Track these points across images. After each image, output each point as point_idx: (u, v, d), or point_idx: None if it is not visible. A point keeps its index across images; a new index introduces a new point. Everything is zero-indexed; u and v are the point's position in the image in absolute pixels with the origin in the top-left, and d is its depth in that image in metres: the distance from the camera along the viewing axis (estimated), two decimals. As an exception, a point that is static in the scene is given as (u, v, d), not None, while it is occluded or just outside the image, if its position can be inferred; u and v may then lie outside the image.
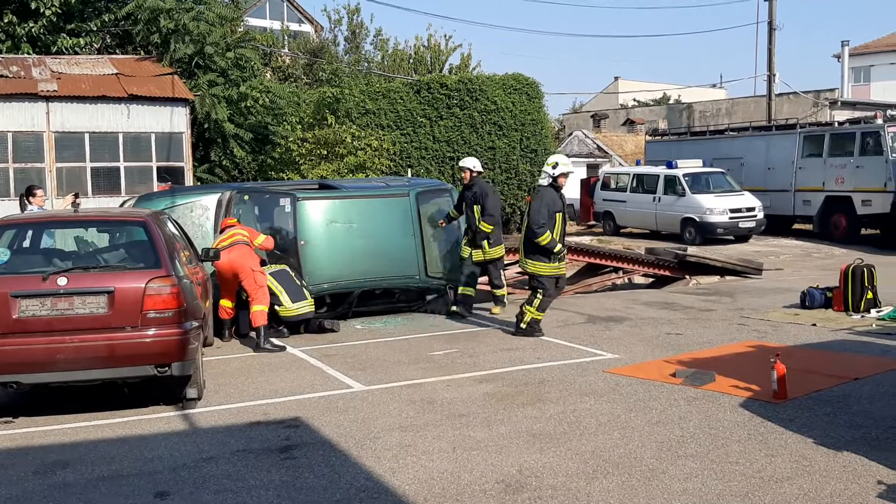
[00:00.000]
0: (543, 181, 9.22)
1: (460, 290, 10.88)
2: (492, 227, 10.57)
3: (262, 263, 9.57)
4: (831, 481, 4.69)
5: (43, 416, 6.46)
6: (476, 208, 10.59)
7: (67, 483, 5.04)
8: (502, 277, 11.41)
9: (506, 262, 16.58)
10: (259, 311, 9.01)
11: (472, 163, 11.02)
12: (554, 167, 9.12)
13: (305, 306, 9.66)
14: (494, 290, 11.19)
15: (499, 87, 23.35)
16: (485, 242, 10.59)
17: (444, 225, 10.93)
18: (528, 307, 9.21)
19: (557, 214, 9.04)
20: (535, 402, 6.50)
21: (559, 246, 9.02)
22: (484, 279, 11.44)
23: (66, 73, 18.64)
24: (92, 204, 16.83)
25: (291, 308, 9.55)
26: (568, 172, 9.22)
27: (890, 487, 4.54)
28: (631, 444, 5.43)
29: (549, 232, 8.90)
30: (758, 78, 32.29)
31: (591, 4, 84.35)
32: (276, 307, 9.43)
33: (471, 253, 10.73)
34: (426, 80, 23.94)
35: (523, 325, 9.23)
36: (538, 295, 9.15)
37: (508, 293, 16.00)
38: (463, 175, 10.94)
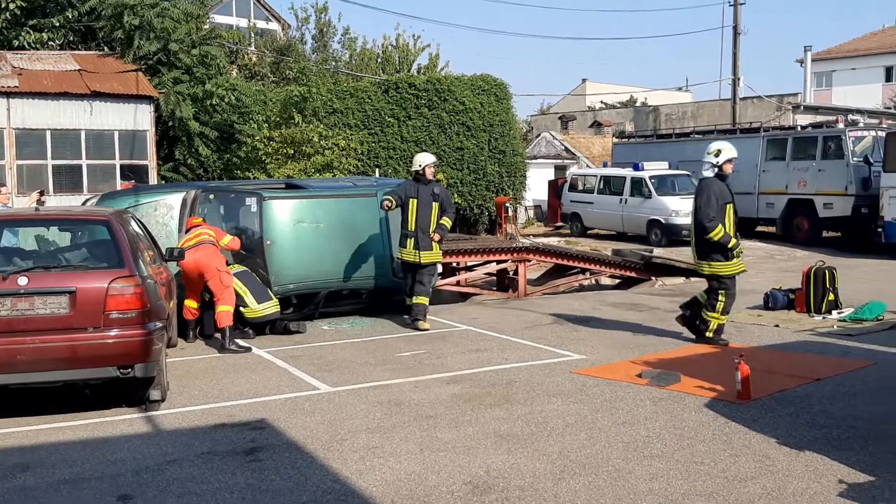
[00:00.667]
0: (707, 172, 8.67)
1: (417, 300, 10.03)
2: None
3: (227, 264, 9.47)
4: (794, 480, 4.75)
5: (2, 418, 6.31)
6: (435, 206, 9.96)
7: (27, 487, 4.93)
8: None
9: (473, 264, 16.63)
10: (224, 311, 8.91)
11: (434, 159, 10.51)
12: (717, 154, 8.60)
13: (271, 307, 9.58)
14: (416, 298, 10.09)
15: (467, 87, 23.38)
16: (436, 244, 10.03)
17: (388, 208, 10.03)
18: (710, 313, 8.52)
19: (728, 206, 8.53)
20: (502, 404, 6.51)
21: (734, 240, 8.43)
22: (452, 280, 11.41)
23: (27, 68, 18.32)
24: (53, 202, 16.55)
25: (257, 309, 9.46)
26: (733, 158, 8.67)
27: (850, 486, 4.62)
28: (598, 444, 5.46)
29: (720, 226, 8.31)
30: (723, 82, 32.74)
31: (560, 7, 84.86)
32: (242, 308, 9.34)
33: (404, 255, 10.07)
34: (394, 79, 23.89)
35: (710, 334, 8.54)
36: (720, 297, 8.47)
37: (475, 293, 16.06)
38: (427, 171, 10.08)
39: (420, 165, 10.05)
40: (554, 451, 5.35)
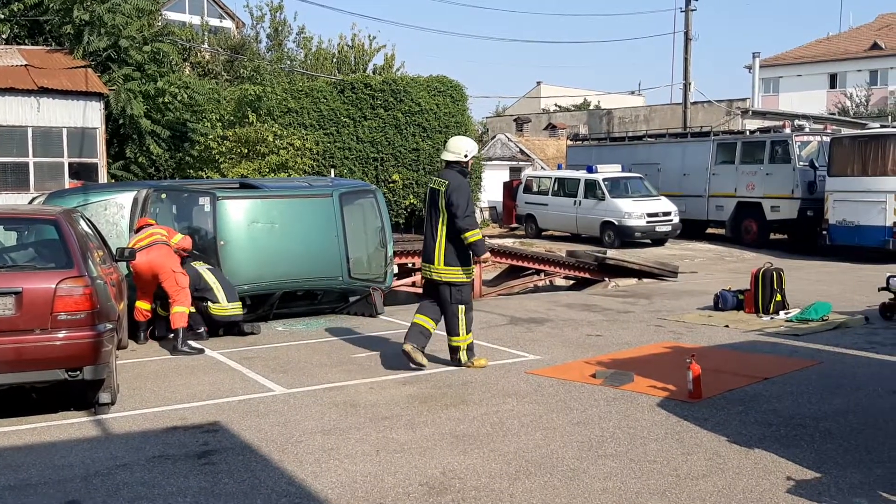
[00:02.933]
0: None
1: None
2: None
3: (183, 262, 9.31)
4: (744, 478, 4.85)
5: (-57, 423, 6.12)
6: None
7: (-31, 494, 4.79)
8: None
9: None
10: (180, 312, 8.78)
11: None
12: (466, 155, 7.78)
13: (237, 308, 9.46)
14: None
15: (423, 88, 23.39)
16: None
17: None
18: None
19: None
20: (458, 404, 6.52)
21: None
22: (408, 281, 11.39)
23: (-30, 63, 17.80)
24: (-2, 201, 16.12)
25: (226, 307, 9.33)
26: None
27: (798, 483, 4.73)
28: (552, 444, 5.50)
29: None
30: (674, 86, 33.29)
31: (515, 10, 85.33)
32: (211, 303, 9.19)
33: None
34: (350, 79, 23.79)
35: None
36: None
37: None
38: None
39: (466, 155, 7.77)
40: (510, 451, 5.38)
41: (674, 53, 30.35)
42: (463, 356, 7.72)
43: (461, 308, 7.62)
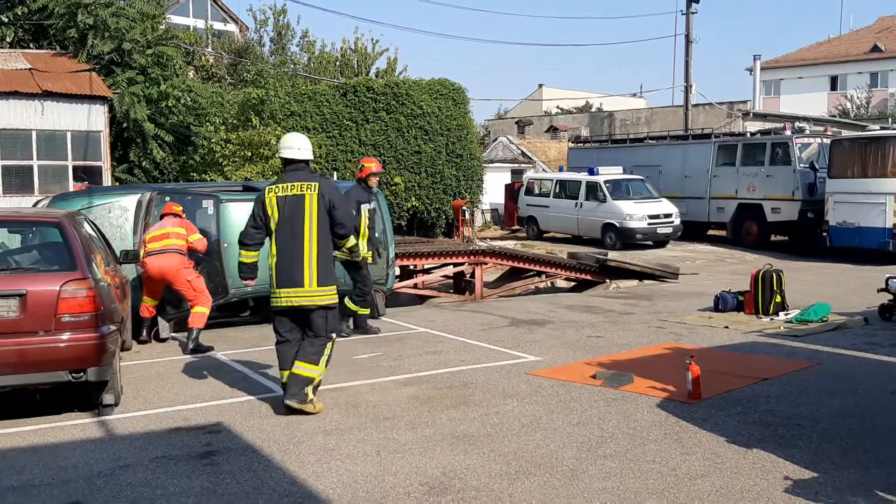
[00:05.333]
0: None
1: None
2: None
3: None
4: (742, 478, 4.88)
5: (-52, 424, 6.18)
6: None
7: (-25, 494, 4.84)
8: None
9: (430, 266, 16.68)
10: (200, 313, 8.95)
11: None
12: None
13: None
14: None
15: (425, 91, 23.43)
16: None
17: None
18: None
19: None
20: (459, 405, 6.56)
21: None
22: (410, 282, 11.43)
23: (-26, 66, 17.89)
24: (3, 203, 16.19)
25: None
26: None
27: (795, 483, 4.76)
28: (552, 444, 5.54)
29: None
30: (676, 88, 33.33)
31: (517, 13, 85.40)
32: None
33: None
34: (353, 83, 23.84)
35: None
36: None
37: (433, 296, 16.12)
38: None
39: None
40: (509, 451, 5.42)
41: (675, 56, 30.41)
42: (309, 392, 6.26)
43: (334, 337, 6.46)
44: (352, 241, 6.78)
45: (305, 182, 6.37)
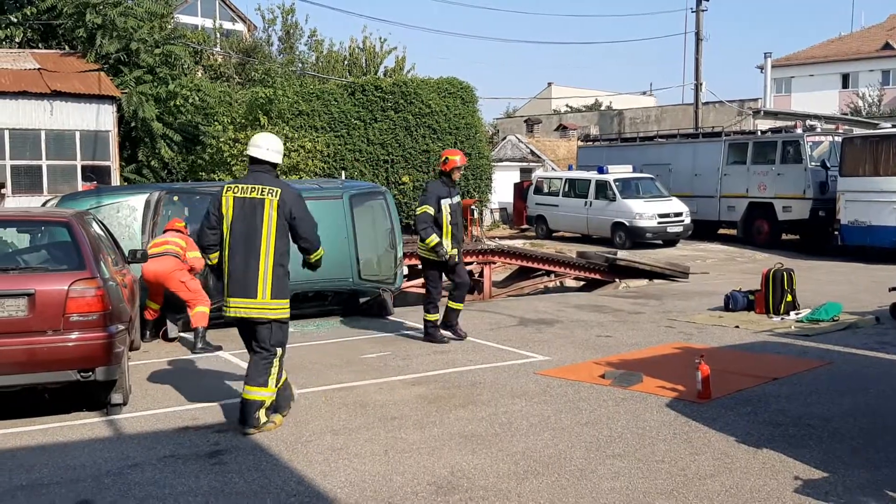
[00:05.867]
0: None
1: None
2: None
3: None
4: (751, 477, 4.85)
5: (-43, 423, 6.20)
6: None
7: (-17, 493, 4.85)
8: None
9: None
10: (200, 312, 8.96)
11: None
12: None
13: None
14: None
15: (433, 90, 23.41)
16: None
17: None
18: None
19: None
20: (467, 405, 6.54)
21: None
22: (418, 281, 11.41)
23: (-16, 67, 17.97)
24: (13, 203, 16.26)
25: None
26: None
27: (806, 483, 4.73)
28: (561, 444, 5.52)
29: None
30: (686, 87, 33.20)
31: (526, 11, 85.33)
32: None
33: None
34: (361, 82, 23.84)
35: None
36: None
37: (442, 296, 16.09)
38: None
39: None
40: (518, 451, 5.40)
41: (685, 54, 30.29)
42: (261, 415, 5.89)
43: (279, 351, 6.03)
44: (319, 254, 6.27)
45: (267, 186, 5.93)
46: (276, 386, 6.01)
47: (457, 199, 9.11)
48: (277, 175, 6.16)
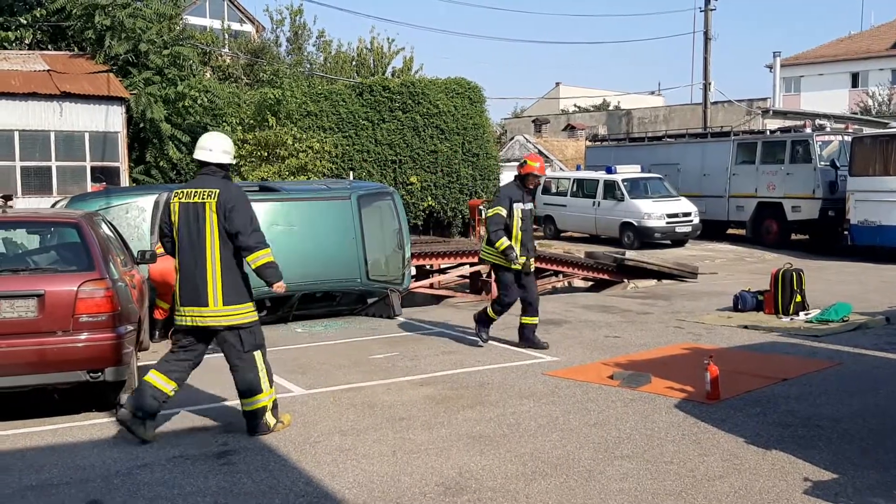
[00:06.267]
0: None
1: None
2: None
3: None
4: (761, 479, 4.83)
5: (-32, 423, 6.23)
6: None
7: (-6, 493, 4.88)
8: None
9: (446, 266, 16.67)
10: None
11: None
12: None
13: None
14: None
15: (441, 90, 23.43)
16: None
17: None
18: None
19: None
20: (475, 405, 6.54)
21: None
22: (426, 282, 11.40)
23: (-6, 68, 18.06)
24: (22, 204, 16.32)
25: None
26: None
27: (815, 484, 4.71)
28: (569, 445, 5.51)
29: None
30: (694, 86, 33.11)
31: (533, 10, 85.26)
32: None
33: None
34: (369, 82, 23.88)
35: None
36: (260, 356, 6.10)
37: (449, 296, 16.11)
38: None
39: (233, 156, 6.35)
40: (526, 452, 5.39)
41: (693, 53, 30.34)
42: (269, 419, 5.87)
43: (258, 354, 5.86)
44: (263, 257, 5.78)
45: (208, 189, 5.71)
46: (270, 386, 5.88)
47: (529, 205, 8.68)
48: (227, 176, 5.94)
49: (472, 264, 16.44)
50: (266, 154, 19.33)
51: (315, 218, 10.63)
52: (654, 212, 20.12)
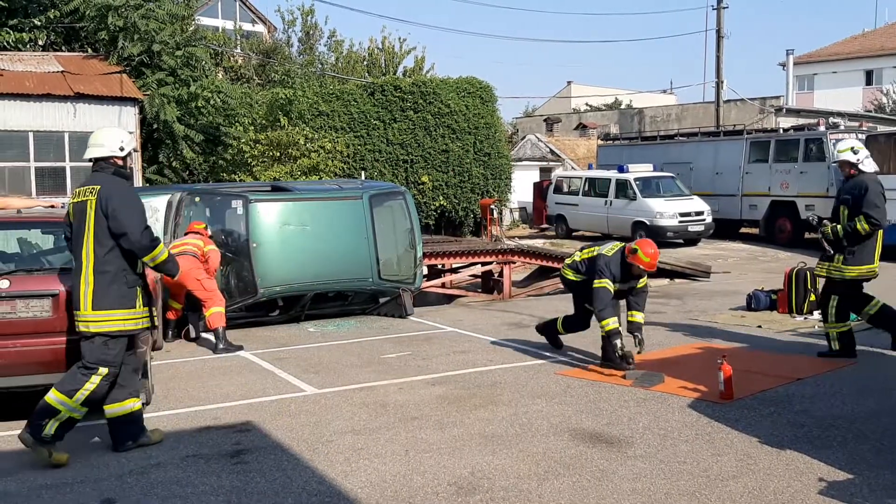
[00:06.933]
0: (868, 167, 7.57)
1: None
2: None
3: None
4: (775, 479, 4.80)
5: (-16, 422, 6.28)
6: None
7: (9, 492, 4.91)
8: None
9: (458, 265, 16.66)
10: (216, 313, 9.01)
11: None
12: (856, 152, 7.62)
13: None
14: None
15: (452, 90, 23.43)
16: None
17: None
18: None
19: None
20: (487, 405, 6.53)
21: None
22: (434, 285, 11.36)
23: (8, 69, 18.18)
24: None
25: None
26: None
27: (830, 484, 4.67)
28: (581, 445, 5.49)
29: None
30: (707, 84, 32.96)
31: (545, 10, 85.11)
32: None
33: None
34: (380, 82, 23.91)
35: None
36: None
37: (461, 295, 16.11)
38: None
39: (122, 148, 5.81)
40: (538, 451, 5.38)
41: (706, 51, 30.21)
42: (51, 427, 5.30)
43: (102, 371, 5.37)
44: (161, 254, 5.52)
45: (91, 186, 5.47)
46: (82, 405, 5.34)
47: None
48: (120, 171, 5.60)
49: (483, 263, 16.42)
50: (278, 154, 19.39)
51: (327, 218, 10.66)
52: (666, 211, 20.04)
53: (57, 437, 5.32)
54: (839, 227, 7.67)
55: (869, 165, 7.73)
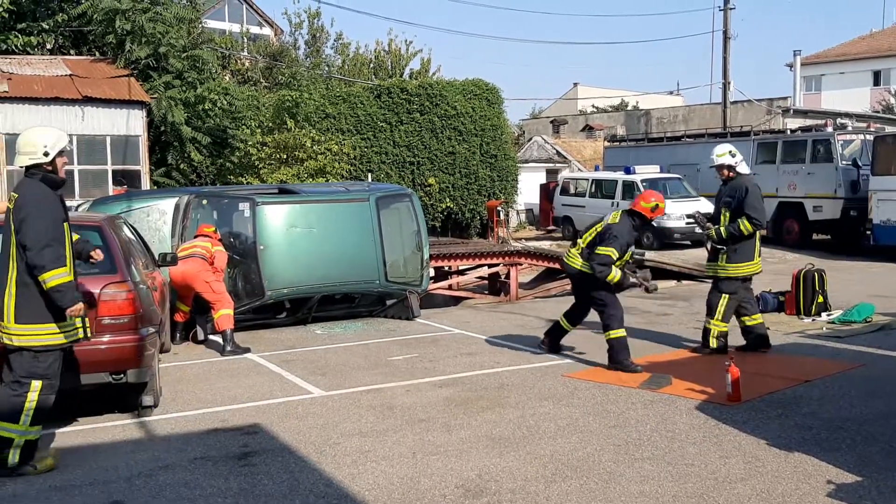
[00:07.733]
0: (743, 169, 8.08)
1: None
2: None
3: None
4: (783, 481, 4.79)
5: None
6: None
7: (17, 494, 4.93)
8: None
9: (465, 267, 16.66)
10: (224, 315, 9.03)
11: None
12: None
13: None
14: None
15: (459, 92, 23.45)
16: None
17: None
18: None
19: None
20: (494, 407, 6.53)
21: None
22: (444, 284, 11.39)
23: (17, 73, 18.28)
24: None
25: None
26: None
27: (839, 486, 4.66)
28: (589, 447, 5.49)
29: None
30: (713, 86, 32.92)
31: (551, 11, 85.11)
32: None
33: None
34: (387, 84, 23.94)
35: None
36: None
37: (467, 297, 16.10)
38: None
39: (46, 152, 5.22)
40: (545, 453, 5.38)
41: (713, 52, 30.10)
42: (12, 456, 5.12)
43: (35, 385, 5.12)
44: (55, 278, 5.00)
45: (13, 193, 5.22)
46: (30, 424, 5.13)
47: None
48: (45, 176, 5.18)
49: (490, 265, 16.41)
50: (285, 156, 19.44)
51: (334, 220, 10.68)
52: (673, 212, 19.94)
53: (26, 458, 5.16)
54: (722, 228, 8.06)
55: (744, 168, 8.23)
